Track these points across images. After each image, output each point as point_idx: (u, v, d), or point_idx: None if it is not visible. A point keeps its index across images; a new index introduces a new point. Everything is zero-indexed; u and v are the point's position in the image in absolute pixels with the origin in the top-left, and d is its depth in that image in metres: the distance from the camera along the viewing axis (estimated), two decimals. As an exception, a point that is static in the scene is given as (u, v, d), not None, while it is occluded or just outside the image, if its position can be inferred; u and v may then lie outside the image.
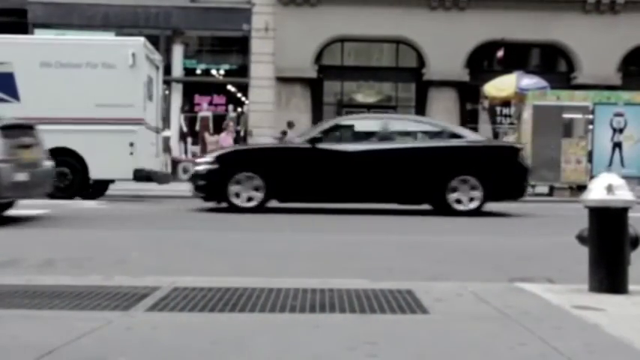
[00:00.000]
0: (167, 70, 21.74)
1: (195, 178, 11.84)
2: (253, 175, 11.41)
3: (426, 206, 11.96)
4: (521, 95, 18.55)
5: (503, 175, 11.69)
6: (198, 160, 12.16)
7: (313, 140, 11.71)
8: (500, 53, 23.93)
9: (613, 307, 3.82)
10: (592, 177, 14.03)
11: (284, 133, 20.52)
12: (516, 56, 23.70)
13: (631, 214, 4.24)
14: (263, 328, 3.36)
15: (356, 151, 11.73)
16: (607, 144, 17.66)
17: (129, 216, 10.90)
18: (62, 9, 22.89)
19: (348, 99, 25.03)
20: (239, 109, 24.49)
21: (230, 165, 11.56)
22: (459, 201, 11.41)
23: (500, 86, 19.45)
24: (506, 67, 21.96)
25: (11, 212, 10.21)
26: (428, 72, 23.53)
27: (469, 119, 24.51)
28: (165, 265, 5.85)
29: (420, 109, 24.11)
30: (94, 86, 14.68)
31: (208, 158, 11.97)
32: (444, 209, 11.46)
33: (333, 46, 24.04)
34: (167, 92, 22.58)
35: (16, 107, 14.76)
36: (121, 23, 22.88)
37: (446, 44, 22.91)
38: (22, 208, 11.23)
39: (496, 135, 24.47)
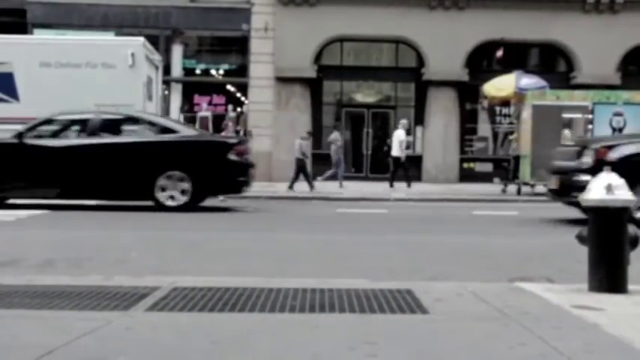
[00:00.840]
0: (166, 70, 21.73)
1: None
2: None
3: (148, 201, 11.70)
4: (520, 95, 18.52)
5: (213, 171, 11.61)
6: None
7: (20, 135, 11.52)
8: (499, 53, 23.91)
9: (613, 306, 3.82)
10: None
11: (310, 133, 20.68)
12: (515, 56, 23.67)
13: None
14: (263, 328, 3.36)
15: (62, 146, 11.60)
16: (606, 144, 17.63)
17: (129, 216, 10.90)
18: (62, 9, 22.85)
19: (347, 99, 25.00)
20: (238, 109, 24.45)
21: None
22: (172, 196, 11.38)
23: (499, 86, 19.43)
24: (506, 66, 21.92)
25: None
26: (427, 72, 23.51)
27: (469, 119, 24.51)
28: (165, 265, 5.86)
29: (420, 108, 24.10)
30: (94, 86, 14.67)
31: None
32: (157, 204, 11.38)
33: (332, 46, 24.01)
34: (166, 92, 22.57)
35: (15, 107, 14.79)
36: (121, 23, 22.85)
37: (445, 44, 22.88)
38: (23, 208, 11.23)
39: (496, 135, 24.47)
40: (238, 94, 24.88)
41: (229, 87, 24.84)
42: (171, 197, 11.40)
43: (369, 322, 3.52)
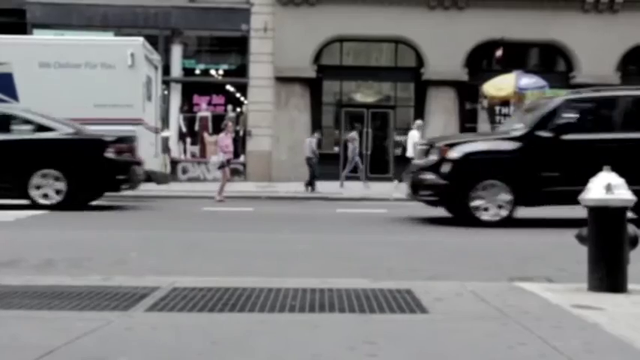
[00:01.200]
0: (166, 70, 21.71)
1: None
2: None
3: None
4: (520, 94, 18.54)
5: (88, 169, 11.64)
6: None
7: None
8: (499, 53, 23.91)
9: (612, 306, 3.82)
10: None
11: (319, 132, 20.98)
12: (515, 56, 23.67)
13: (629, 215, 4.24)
14: (263, 328, 3.36)
15: None
16: (606, 143, 17.62)
17: (128, 216, 10.90)
18: (61, 9, 22.85)
19: (347, 99, 24.99)
20: (238, 109, 24.44)
21: None
22: (46, 195, 11.39)
23: (499, 85, 19.44)
24: (505, 66, 21.91)
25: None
26: (427, 71, 23.51)
27: (468, 119, 24.51)
28: (165, 265, 5.86)
29: (419, 108, 24.09)
30: (93, 86, 14.68)
31: None
32: (32, 203, 11.36)
33: (332, 46, 24.01)
34: (166, 92, 22.56)
35: (15, 107, 14.77)
36: (120, 23, 22.85)
37: (445, 44, 22.89)
38: (23, 208, 11.23)
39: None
40: (238, 94, 24.87)
41: (229, 87, 24.83)
42: (46, 195, 11.43)
43: (369, 322, 3.52)
